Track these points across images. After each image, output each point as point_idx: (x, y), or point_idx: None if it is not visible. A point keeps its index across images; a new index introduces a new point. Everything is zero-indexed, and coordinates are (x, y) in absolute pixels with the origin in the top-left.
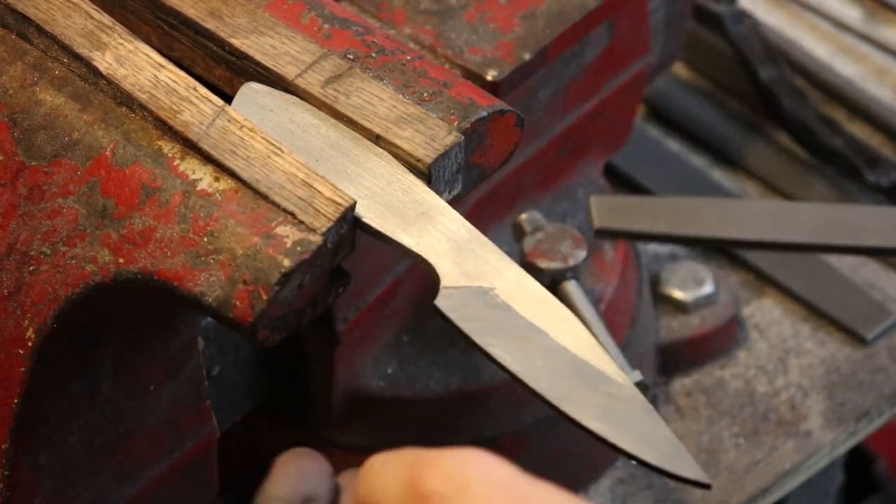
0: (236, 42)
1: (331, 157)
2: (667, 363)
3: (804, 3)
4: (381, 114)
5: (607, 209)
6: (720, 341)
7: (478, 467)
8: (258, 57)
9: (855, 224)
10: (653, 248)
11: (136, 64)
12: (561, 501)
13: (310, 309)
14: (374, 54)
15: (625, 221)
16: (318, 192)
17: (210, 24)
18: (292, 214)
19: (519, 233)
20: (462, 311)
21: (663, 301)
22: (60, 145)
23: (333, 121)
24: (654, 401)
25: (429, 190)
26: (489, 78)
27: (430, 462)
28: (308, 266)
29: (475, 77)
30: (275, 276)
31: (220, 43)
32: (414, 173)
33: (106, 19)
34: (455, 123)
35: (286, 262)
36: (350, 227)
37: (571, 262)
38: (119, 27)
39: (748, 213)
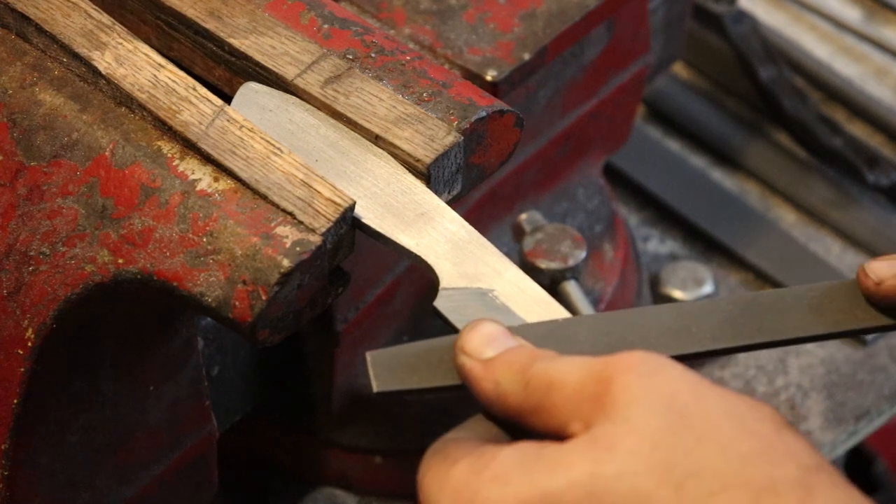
0: (236, 42)
1: (330, 157)
2: None
3: (804, 3)
4: (380, 114)
5: (386, 366)
6: None
7: (660, 360)
8: (257, 57)
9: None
10: (653, 247)
11: (136, 64)
12: (734, 393)
13: (309, 309)
14: (373, 54)
15: (404, 381)
16: (318, 192)
17: (209, 24)
18: (291, 215)
19: (519, 233)
20: (461, 312)
21: (663, 301)
22: (60, 145)
23: (333, 121)
24: None
25: (428, 190)
26: (489, 78)
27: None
28: (307, 266)
29: (475, 77)
30: (274, 277)
31: (220, 43)
32: (413, 174)
33: (105, 19)
34: (454, 124)
35: (285, 263)
36: (349, 227)
37: (571, 262)
38: (118, 27)
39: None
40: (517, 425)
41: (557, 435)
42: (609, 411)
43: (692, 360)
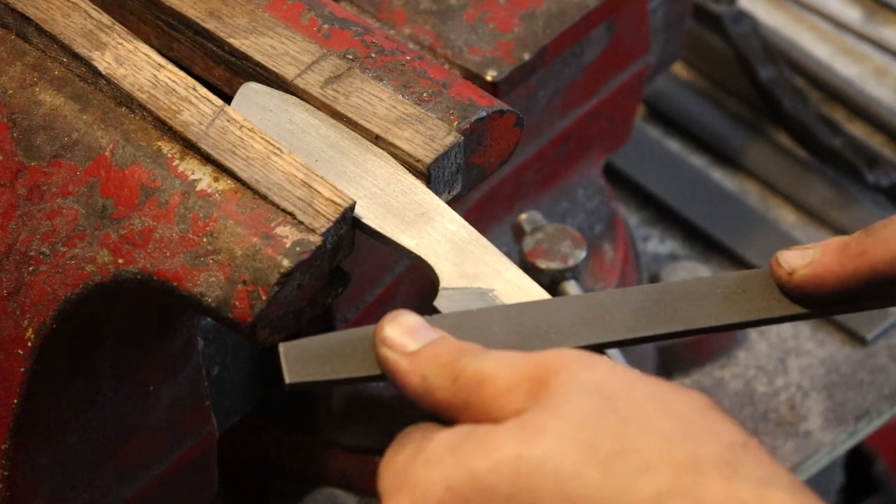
0: (236, 42)
1: (330, 157)
2: (667, 363)
3: (804, 3)
4: (380, 114)
5: (299, 357)
6: (720, 341)
7: (591, 356)
8: (258, 57)
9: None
10: (653, 247)
11: (136, 64)
12: (662, 382)
13: (309, 309)
14: (373, 54)
15: (317, 372)
16: (318, 192)
17: (209, 25)
18: (292, 215)
19: (519, 233)
20: (462, 311)
21: None
22: (60, 145)
23: (333, 121)
24: None
25: (428, 190)
26: (489, 78)
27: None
28: (307, 266)
29: (475, 77)
30: (274, 277)
31: (220, 43)
32: (413, 174)
33: (105, 19)
34: (454, 124)
35: (285, 263)
36: (349, 227)
37: (571, 262)
38: (118, 27)
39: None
40: (447, 419)
41: None
42: (541, 401)
43: (606, 348)
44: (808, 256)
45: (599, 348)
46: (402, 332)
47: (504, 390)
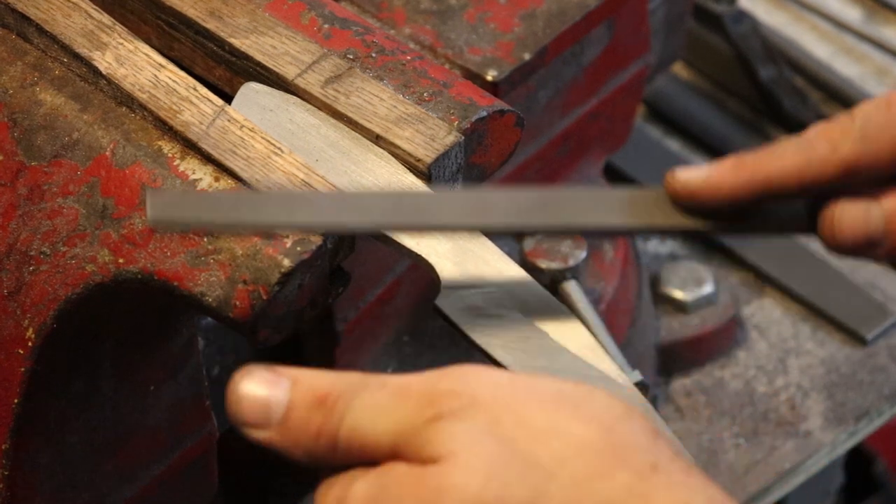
0: (236, 42)
1: (331, 157)
2: (667, 363)
3: (804, 3)
4: (381, 114)
5: (163, 201)
6: (720, 341)
7: (477, 377)
8: (258, 57)
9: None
10: (653, 247)
11: (136, 64)
12: (564, 389)
13: (309, 309)
14: (374, 54)
15: (181, 212)
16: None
17: (210, 24)
18: None
19: None
20: (462, 311)
21: (663, 301)
22: (60, 145)
23: (333, 121)
24: (654, 401)
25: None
26: (489, 78)
27: (431, 390)
28: (308, 266)
29: (475, 77)
30: (275, 276)
31: (220, 43)
32: (414, 173)
33: (106, 19)
34: (455, 123)
35: (286, 262)
36: None
37: (571, 262)
38: (119, 27)
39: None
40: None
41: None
42: (438, 450)
43: (489, 236)
44: (702, 170)
45: (475, 230)
46: (253, 410)
47: (388, 448)
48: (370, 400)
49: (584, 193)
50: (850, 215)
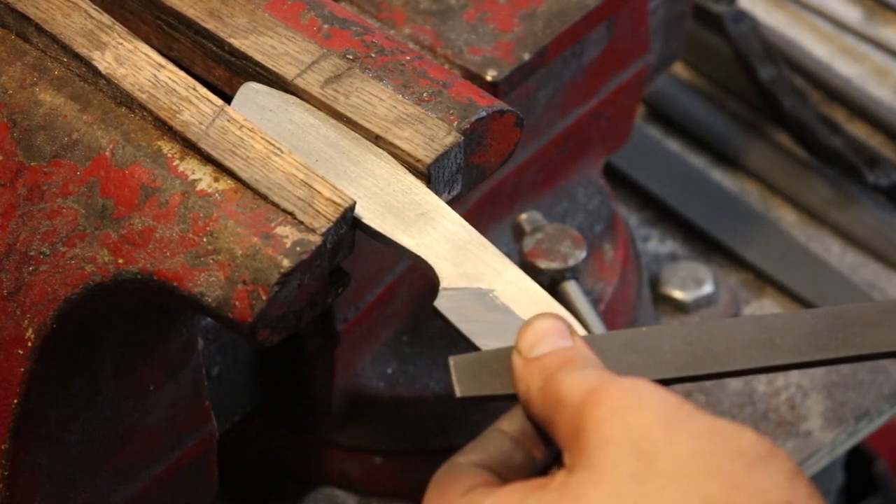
0: (236, 42)
1: (330, 157)
2: None
3: (804, 3)
4: (380, 114)
5: (468, 371)
6: None
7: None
8: (258, 57)
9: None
10: (653, 247)
11: (136, 64)
12: (717, 424)
13: (309, 309)
14: (373, 54)
15: (490, 385)
16: (318, 192)
17: (209, 24)
18: (292, 215)
19: (519, 233)
20: (461, 312)
21: (663, 301)
22: (60, 145)
23: (333, 121)
24: None
25: (428, 190)
26: (489, 78)
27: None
28: (307, 266)
29: (475, 77)
30: (274, 277)
31: (220, 43)
32: (413, 174)
33: (105, 19)
34: (454, 124)
35: (285, 263)
36: (349, 227)
37: (571, 263)
38: (118, 27)
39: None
40: (542, 430)
41: (561, 451)
42: (582, 450)
43: (775, 372)
44: None
45: (769, 371)
46: (532, 336)
47: (567, 418)
48: (581, 375)
49: (865, 313)
50: None
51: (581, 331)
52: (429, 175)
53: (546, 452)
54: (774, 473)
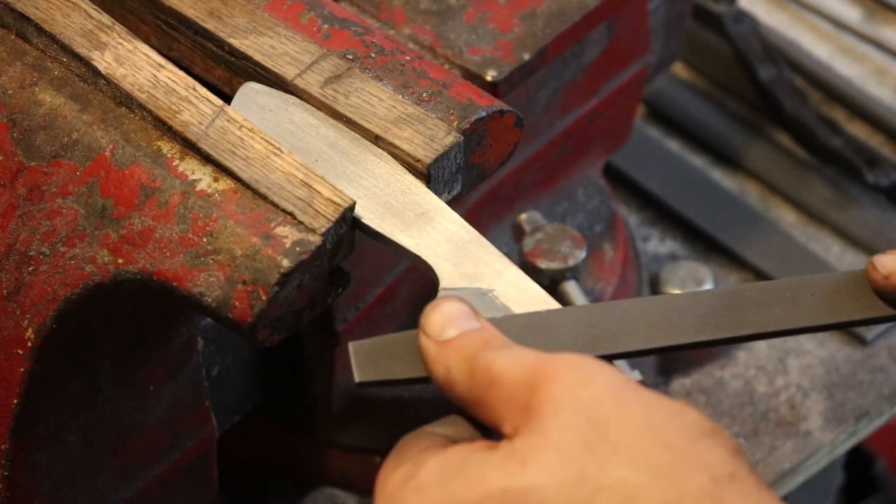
0: (235, 42)
1: (330, 157)
2: (667, 363)
3: (804, 3)
4: (380, 114)
5: (368, 356)
6: None
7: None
8: (257, 57)
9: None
10: (653, 247)
11: (136, 64)
12: (663, 399)
13: (309, 309)
14: (373, 54)
15: (388, 369)
16: (318, 192)
17: (209, 24)
18: (291, 215)
19: (518, 233)
20: None
21: None
22: (60, 145)
23: (333, 121)
24: None
25: (428, 190)
26: (489, 78)
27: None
28: (307, 266)
29: (475, 77)
30: (274, 277)
31: (220, 43)
32: (413, 174)
33: (105, 19)
34: (454, 124)
35: (285, 263)
36: (349, 227)
37: (571, 263)
38: (118, 27)
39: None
40: (466, 412)
41: (497, 430)
42: (532, 420)
43: (677, 351)
44: None
45: (667, 351)
46: (440, 319)
47: (507, 394)
48: (512, 353)
49: (774, 291)
50: None
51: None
52: (429, 175)
53: (475, 431)
54: (718, 448)
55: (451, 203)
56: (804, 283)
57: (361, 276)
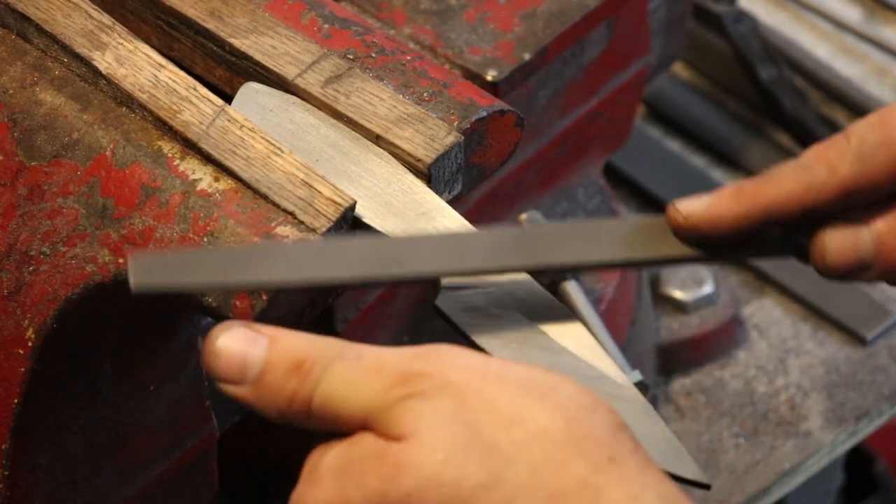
0: (236, 42)
1: (331, 157)
2: (667, 363)
3: (804, 3)
4: (380, 114)
5: (146, 267)
6: (720, 341)
7: (451, 360)
8: (258, 57)
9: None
10: None
11: (136, 64)
12: (533, 376)
13: (310, 309)
14: (374, 54)
15: (168, 277)
16: (318, 192)
17: (210, 24)
18: (292, 214)
19: None
20: (462, 311)
21: (663, 301)
22: (60, 145)
23: (333, 121)
24: (654, 401)
25: (429, 190)
26: (489, 78)
27: (405, 369)
28: None
29: (475, 77)
30: None
31: (220, 43)
32: (414, 173)
33: (106, 19)
34: (455, 123)
35: None
36: (350, 227)
37: None
38: (119, 27)
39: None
40: None
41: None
42: (402, 428)
43: (467, 276)
44: (703, 201)
45: (451, 275)
46: (229, 365)
47: (361, 421)
48: (345, 372)
49: (571, 229)
50: (838, 242)
51: None
52: (429, 175)
53: None
54: (596, 427)
55: (451, 203)
56: (604, 223)
57: None
